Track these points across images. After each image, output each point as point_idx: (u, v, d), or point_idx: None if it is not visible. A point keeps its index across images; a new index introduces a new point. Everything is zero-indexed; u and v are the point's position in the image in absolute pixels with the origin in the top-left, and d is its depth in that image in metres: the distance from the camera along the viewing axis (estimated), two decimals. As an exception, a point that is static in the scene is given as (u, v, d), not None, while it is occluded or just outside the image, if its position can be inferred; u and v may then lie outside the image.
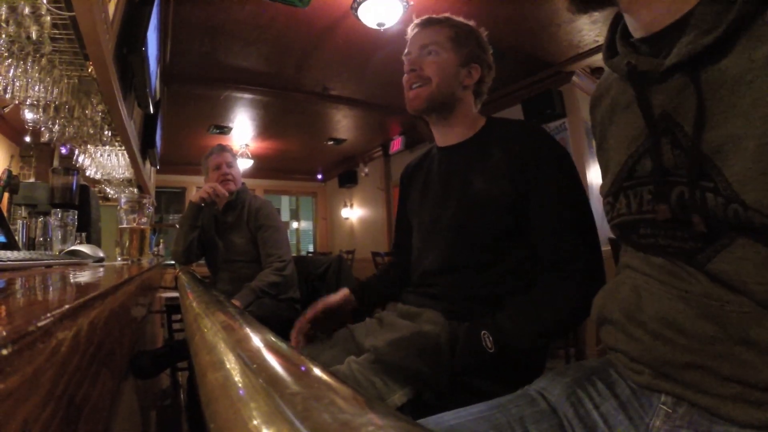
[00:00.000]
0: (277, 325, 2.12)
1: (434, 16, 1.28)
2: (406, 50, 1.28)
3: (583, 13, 0.77)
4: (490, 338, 0.98)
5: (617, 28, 0.77)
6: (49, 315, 0.27)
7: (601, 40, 4.07)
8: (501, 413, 0.73)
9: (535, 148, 1.12)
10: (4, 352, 0.20)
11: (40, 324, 0.25)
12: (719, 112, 0.57)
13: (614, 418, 0.69)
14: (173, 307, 2.77)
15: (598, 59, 4.54)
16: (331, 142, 8.12)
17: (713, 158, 0.57)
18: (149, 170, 5.01)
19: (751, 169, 0.52)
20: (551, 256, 1.07)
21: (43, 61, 1.84)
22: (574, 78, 4.79)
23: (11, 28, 1.54)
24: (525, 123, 1.22)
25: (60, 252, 1.71)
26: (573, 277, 1.03)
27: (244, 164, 7.88)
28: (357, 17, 3.77)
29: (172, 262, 2.71)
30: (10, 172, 2.28)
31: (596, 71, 4.83)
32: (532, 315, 1.03)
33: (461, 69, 1.23)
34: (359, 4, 3.67)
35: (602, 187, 0.79)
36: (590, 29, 4.05)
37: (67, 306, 0.31)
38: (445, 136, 1.31)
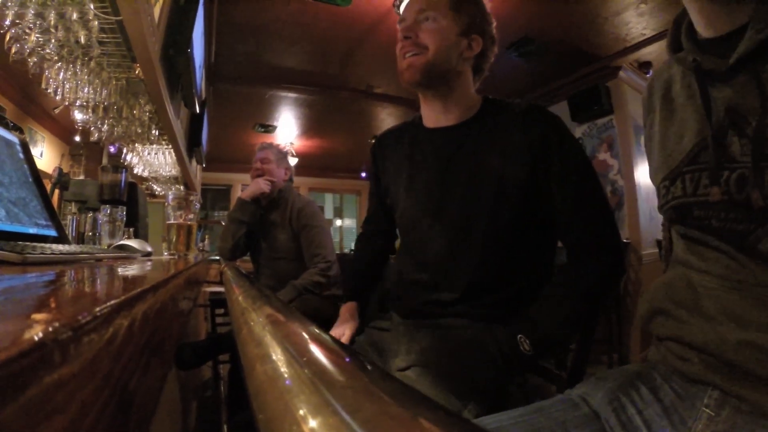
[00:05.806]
0: (320, 321, 2.14)
1: None
2: (400, 17, 1.18)
3: None
4: (527, 341, 0.95)
5: (681, 25, 0.80)
6: (107, 305, 0.28)
7: (648, 33, 3.98)
8: (543, 417, 0.72)
9: (557, 132, 1.07)
10: (66, 337, 0.21)
11: (99, 313, 0.26)
12: None
13: (657, 424, 0.68)
14: (217, 302, 2.83)
15: (645, 53, 4.38)
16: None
17: None
18: (195, 168, 5.15)
19: None
20: (580, 240, 1.05)
21: (92, 63, 1.91)
22: (621, 73, 4.61)
23: (60, 33, 1.60)
24: (536, 105, 1.13)
25: (109, 246, 1.77)
26: (601, 259, 1.03)
27: (289, 162, 7.94)
28: (400, 15, 3.76)
29: (217, 257, 2.77)
30: (60, 170, 2.38)
31: (644, 66, 4.64)
32: (565, 304, 1.00)
33: (461, 39, 1.12)
34: (402, 1, 3.66)
35: (657, 171, 0.81)
36: (637, 21, 3.91)
37: (123, 297, 0.32)
38: (440, 115, 1.18)
